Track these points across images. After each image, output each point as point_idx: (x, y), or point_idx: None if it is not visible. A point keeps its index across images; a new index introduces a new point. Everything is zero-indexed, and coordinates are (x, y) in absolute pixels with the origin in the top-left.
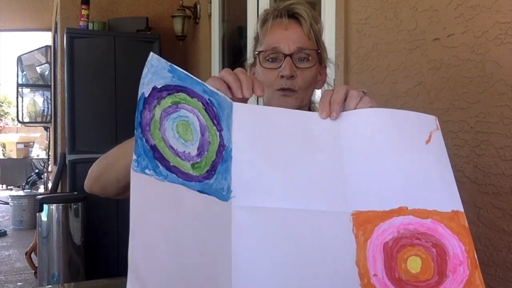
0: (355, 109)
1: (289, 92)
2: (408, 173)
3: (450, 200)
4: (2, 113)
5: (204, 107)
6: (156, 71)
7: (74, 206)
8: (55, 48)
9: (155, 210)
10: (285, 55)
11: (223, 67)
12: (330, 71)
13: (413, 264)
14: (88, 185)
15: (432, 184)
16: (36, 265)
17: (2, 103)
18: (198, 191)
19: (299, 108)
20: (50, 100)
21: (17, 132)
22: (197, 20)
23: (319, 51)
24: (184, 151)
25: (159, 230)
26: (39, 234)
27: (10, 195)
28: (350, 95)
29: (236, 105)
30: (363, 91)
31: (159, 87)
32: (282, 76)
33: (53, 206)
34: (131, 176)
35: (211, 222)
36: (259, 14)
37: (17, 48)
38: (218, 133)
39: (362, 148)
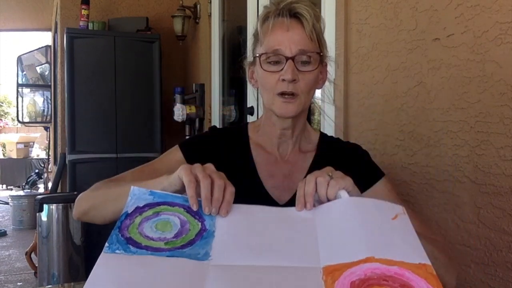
0: (326, 194)
1: (291, 99)
2: (376, 236)
3: (417, 255)
4: (2, 113)
5: (186, 210)
6: (138, 197)
7: None
8: (55, 48)
9: (117, 276)
10: (287, 58)
11: (223, 67)
12: (331, 68)
13: None
14: (76, 216)
15: (399, 244)
16: (36, 265)
17: (2, 103)
18: (167, 256)
19: (300, 113)
20: (50, 100)
21: (17, 132)
22: (197, 20)
23: (321, 54)
24: (159, 237)
25: None
26: (39, 234)
27: (10, 195)
28: (318, 182)
29: None
30: (329, 174)
31: (141, 205)
32: (283, 80)
33: (53, 206)
34: (100, 257)
35: (183, 278)
36: (260, 12)
37: (17, 48)
38: (200, 223)
39: (334, 224)
